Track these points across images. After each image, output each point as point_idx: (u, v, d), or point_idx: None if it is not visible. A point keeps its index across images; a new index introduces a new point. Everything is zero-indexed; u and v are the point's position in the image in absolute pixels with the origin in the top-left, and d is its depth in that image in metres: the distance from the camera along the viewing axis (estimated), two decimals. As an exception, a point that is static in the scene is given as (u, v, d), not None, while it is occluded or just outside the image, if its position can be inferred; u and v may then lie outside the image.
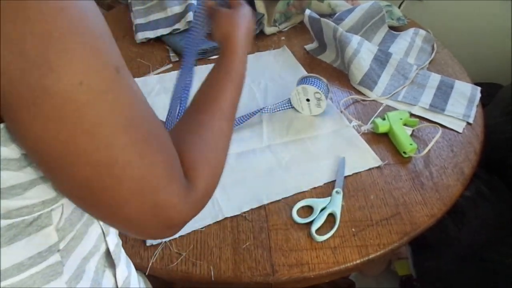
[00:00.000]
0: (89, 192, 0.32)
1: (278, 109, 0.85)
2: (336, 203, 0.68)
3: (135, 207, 0.34)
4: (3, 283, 0.36)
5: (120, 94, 0.31)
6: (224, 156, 0.46)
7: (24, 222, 0.35)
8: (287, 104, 0.86)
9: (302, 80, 0.85)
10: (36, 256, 0.37)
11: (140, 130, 0.33)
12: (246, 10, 0.59)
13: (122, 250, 0.51)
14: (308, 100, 0.83)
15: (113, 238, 0.48)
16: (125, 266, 0.50)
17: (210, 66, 1.11)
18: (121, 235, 0.64)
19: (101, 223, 0.45)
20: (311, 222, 0.66)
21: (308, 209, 0.69)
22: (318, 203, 0.68)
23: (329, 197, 0.69)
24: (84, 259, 0.43)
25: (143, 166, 0.33)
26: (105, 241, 0.46)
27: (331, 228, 0.65)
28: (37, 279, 0.38)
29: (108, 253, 0.47)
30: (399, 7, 1.34)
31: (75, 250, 0.41)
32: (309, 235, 0.64)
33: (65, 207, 0.38)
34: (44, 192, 0.34)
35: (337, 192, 0.70)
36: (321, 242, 0.64)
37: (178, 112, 0.63)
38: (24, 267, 0.37)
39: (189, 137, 0.43)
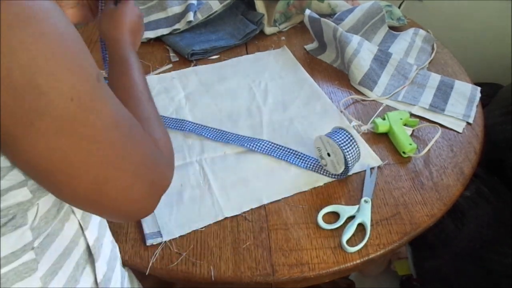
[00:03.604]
0: (98, 189, 0.36)
1: (304, 165, 0.75)
2: (365, 213, 0.66)
3: (140, 189, 0.38)
4: None
5: (104, 100, 0.34)
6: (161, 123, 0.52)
7: None
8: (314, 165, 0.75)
9: (335, 132, 0.71)
10: (10, 256, 0.37)
11: (125, 124, 0.37)
12: (129, 7, 0.63)
13: (104, 245, 0.51)
14: (329, 155, 0.71)
15: (92, 232, 0.48)
16: (105, 262, 0.50)
17: (210, 66, 1.10)
18: (118, 235, 0.64)
19: (79, 217, 0.45)
20: (336, 230, 0.65)
21: (334, 215, 0.67)
22: (345, 210, 0.67)
23: (357, 206, 0.68)
24: (61, 255, 0.43)
25: (138, 152, 0.38)
26: (84, 235, 0.46)
27: (362, 239, 0.63)
28: (10, 276, 0.38)
29: (89, 248, 0.47)
30: (399, 7, 1.34)
31: (50, 246, 0.41)
32: (339, 245, 0.63)
33: (41, 206, 0.39)
34: (20, 194, 0.35)
35: (365, 201, 0.68)
36: (351, 253, 0.62)
37: None
38: None
39: (139, 117, 0.48)
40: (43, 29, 0.29)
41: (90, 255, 0.48)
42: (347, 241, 0.63)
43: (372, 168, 0.74)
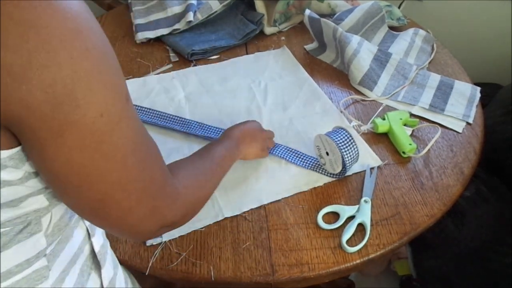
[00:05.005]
0: (102, 206, 0.36)
1: (303, 164, 0.76)
2: (365, 213, 0.66)
3: (138, 213, 0.38)
4: None
5: (129, 121, 0.35)
6: (210, 188, 0.54)
7: (14, 230, 0.36)
8: (314, 163, 0.75)
9: (335, 132, 0.71)
10: (24, 263, 0.37)
11: (142, 149, 0.37)
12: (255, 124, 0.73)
13: (108, 251, 0.51)
14: (327, 154, 0.71)
15: (98, 239, 0.48)
16: (110, 267, 0.50)
17: (210, 66, 1.10)
18: (115, 236, 0.64)
19: (87, 224, 0.46)
20: (336, 230, 0.65)
21: (334, 215, 0.67)
22: (345, 210, 0.67)
23: (357, 206, 0.68)
24: (70, 262, 0.43)
25: (146, 178, 0.38)
26: (90, 242, 0.47)
27: (362, 239, 0.63)
28: (22, 284, 0.38)
29: (93, 254, 0.48)
30: (399, 7, 1.34)
31: (61, 253, 0.42)
32: (339, 245, 0.63)
33: (54, 214, 0.39)
34: (38, 201, 0.36)
35: (365, 201, 0.68)
36: (351, 253, 0.62)
37: None
38: (11, 274, 0.37)
39: (184, 162, 0.52)
40: (88, 44, 0.30)
41: (93, 262, 0.48)
42: (347, 241, 0.63)
43: (372, 168, 0.74)
